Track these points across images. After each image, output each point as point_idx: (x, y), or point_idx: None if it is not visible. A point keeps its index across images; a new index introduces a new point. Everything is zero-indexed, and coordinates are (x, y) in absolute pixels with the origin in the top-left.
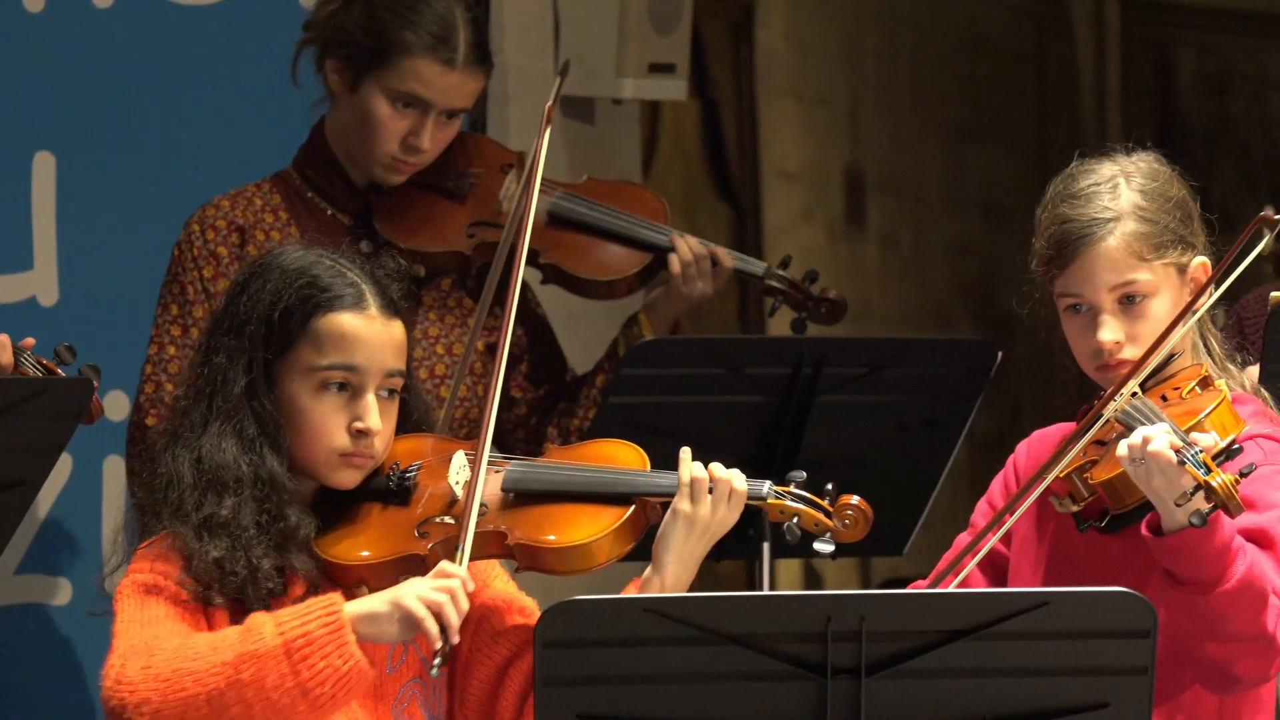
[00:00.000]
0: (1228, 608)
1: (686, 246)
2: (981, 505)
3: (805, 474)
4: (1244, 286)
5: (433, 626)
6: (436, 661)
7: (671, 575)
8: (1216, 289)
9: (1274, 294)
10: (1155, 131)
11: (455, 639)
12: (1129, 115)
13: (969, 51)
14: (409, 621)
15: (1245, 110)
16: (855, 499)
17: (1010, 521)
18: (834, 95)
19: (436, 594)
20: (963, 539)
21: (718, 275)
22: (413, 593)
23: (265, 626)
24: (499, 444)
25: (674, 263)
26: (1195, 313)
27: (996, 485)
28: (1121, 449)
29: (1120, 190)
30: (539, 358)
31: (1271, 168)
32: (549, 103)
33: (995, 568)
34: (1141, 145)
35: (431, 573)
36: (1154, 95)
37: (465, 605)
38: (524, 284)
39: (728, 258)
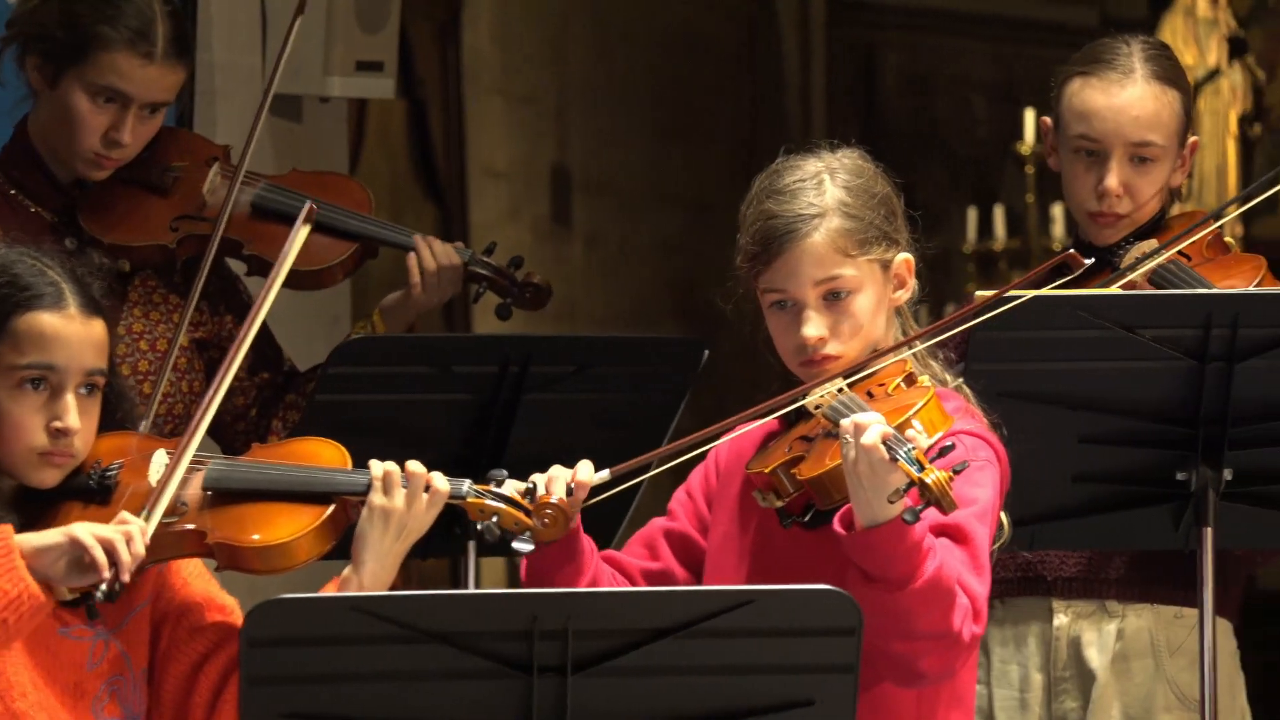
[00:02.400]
0: (916, 606)
1: (429, 253)
2: (679, 493)
3: (506, 472)
4: (956, 283)
5: (101, 555)
6: (102, 589)
7: (370, 574)
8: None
9: (979, 292)
10: (860, 130)
11: (125, 577)
12: (835, 114)
13: (675, 50)
14: (78, 552)
15: (949, 110)
16: (555, 498)
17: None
18: (541, 94)
19: (111, 532)
20: (657, 522)
21: (453, 276)
22: (86, 528)
23: None
24: (219, 437)
25: (413, 270)
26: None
27: (696, 475)
28: (845, 422)
29: (825, 186)
30: (256, 350)
31: (975, 167)
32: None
33: (688, 552)
34: (846, 143)
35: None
36: (859, 94)
37: (140, 550)
38: (235, 277)
39: (451, 254)
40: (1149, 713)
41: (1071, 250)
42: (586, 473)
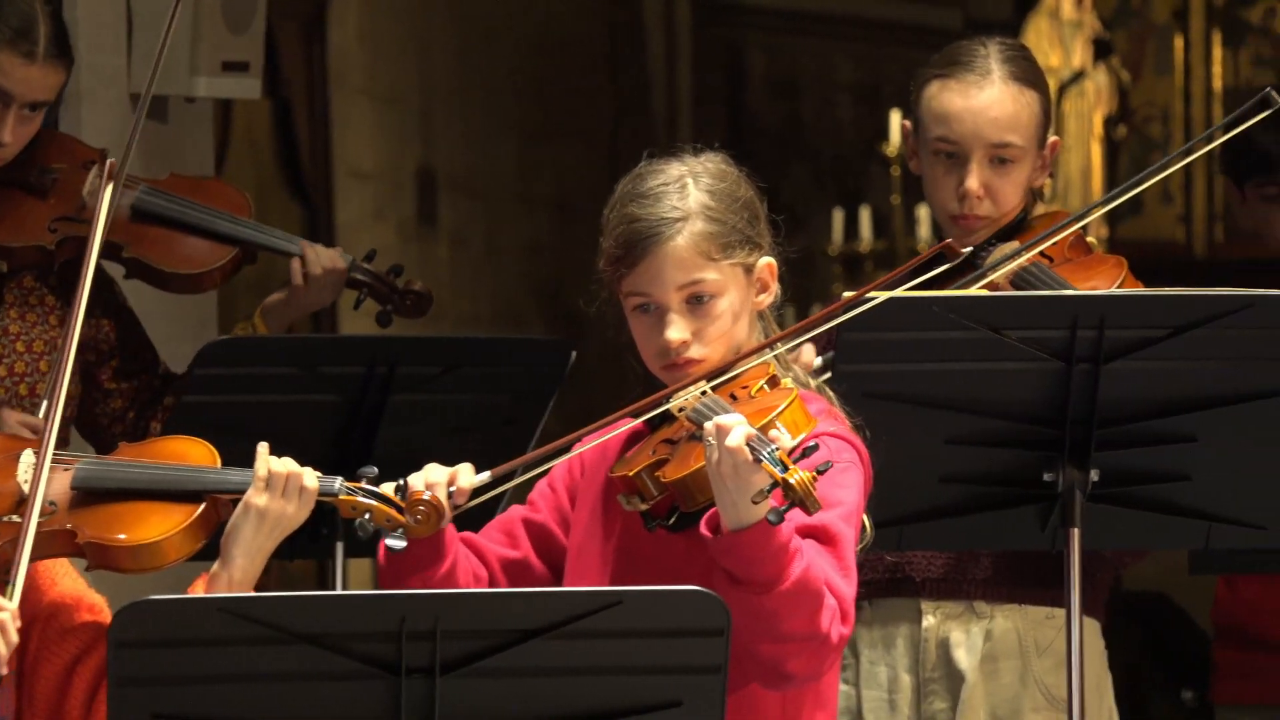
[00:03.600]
0: (783, 608)
1: (314, 256)
2: (541, 485)
3: (377, 470)
4: (822, 284)
5: None
6: None
7: (239, 569)
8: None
9: (845, 293)
10: (726, 132)
11: (3, 670)
12: (700, 116)
13: (540, 52)
14: None
15: (814, 111)
16: (427, 494)
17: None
18: (406, 95)
19: None
20: (517, 510)
21: (336, 280)
22: None
23: None
24: (96, 440)
25: (295, 272)
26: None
27: (560, 469)
28: (709, 424)
29: (688, 190)
30: (130, 351)
31: (839, 167)
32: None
33: (546, 545)
34: (712, 146)
35: None
36: (725, 96)
37: (14, 639)
38: (110, 280)
39: (335, 259)
40: (1017, 713)
41: (949, 240)
42: (467, 478)
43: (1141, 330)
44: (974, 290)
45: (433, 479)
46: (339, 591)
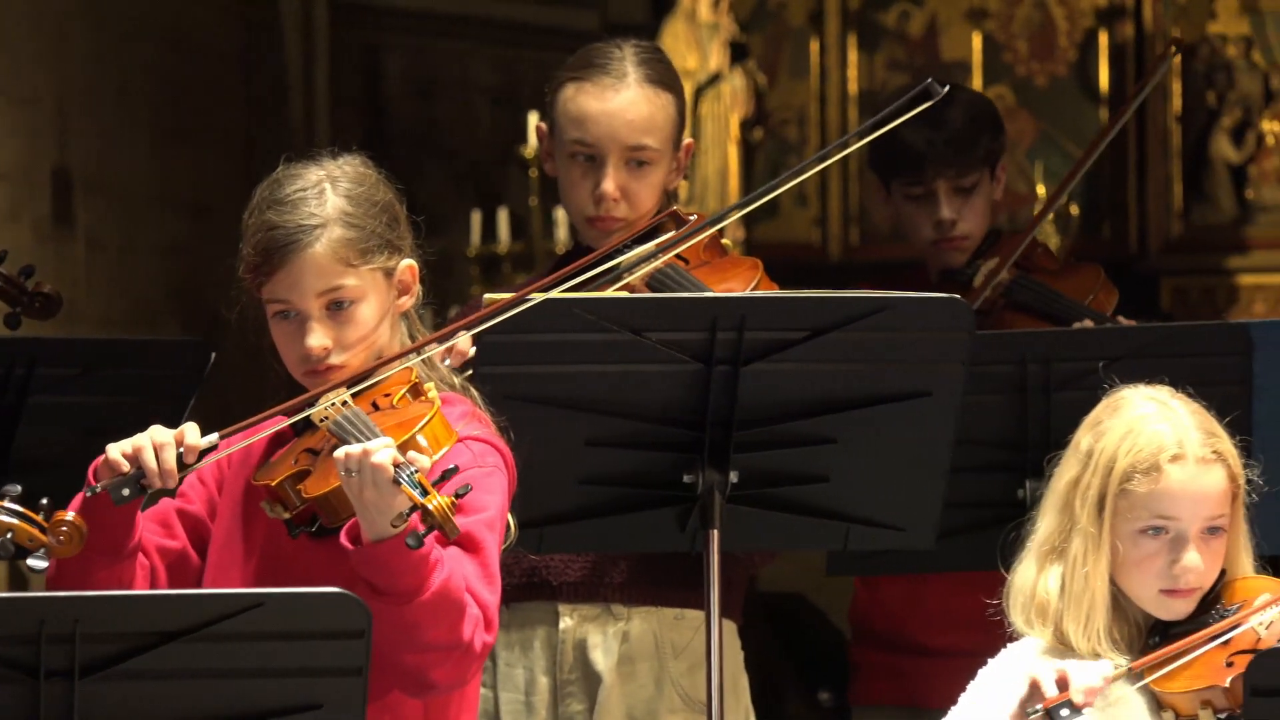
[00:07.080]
0: (424, 619)
1: None
2: (191, 478)
3: (19, 488)
4: (460, 286)
5: None
6: None
7: None
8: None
9: (486, 295)
10: (364, 134)
11: None
12: (338, 118)
13: (174, 51)
14: None
15: (452, 113)
16: (71, 515)
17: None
18: (41, 94)
19: None
20: (169, 502)
21: None
22: None
23: None
24: None
25: None
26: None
27: (209, 463)
28: (339, 454)
29: (326, 196)
30: None
31: (476, 169)
32: None
33: (199, 535)
34: (349, 148)
35: None
36: (363, 97)
37: None
38: None
39: None
40: (654, 714)
41: (674, 208)
42: (194, 437)
43: (780, 332)
44: (614, 292)
45: (159, 439)
46: None
